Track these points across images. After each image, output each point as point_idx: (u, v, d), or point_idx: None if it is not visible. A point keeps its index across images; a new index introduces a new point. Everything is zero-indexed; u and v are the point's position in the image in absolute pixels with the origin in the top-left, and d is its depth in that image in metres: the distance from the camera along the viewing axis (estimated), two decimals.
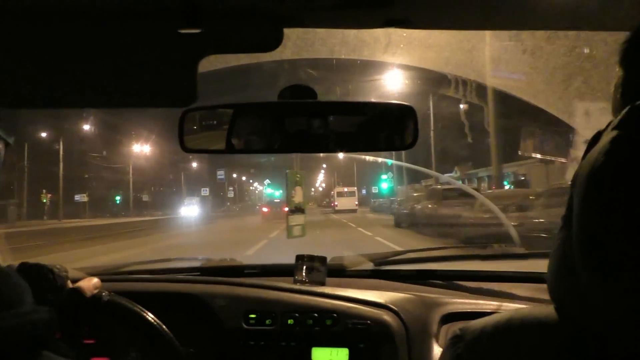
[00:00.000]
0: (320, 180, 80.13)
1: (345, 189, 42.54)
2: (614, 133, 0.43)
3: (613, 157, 0.42)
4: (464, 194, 11.01)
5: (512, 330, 0.55)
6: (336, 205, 40.42)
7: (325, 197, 76.88)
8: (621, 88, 0.51)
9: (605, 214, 0.41)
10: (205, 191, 52.12)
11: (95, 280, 1.17)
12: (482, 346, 0.57)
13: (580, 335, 0.47)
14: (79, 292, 1.13)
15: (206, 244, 13.63)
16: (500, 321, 0.58)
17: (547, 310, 0.54)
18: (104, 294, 1.17)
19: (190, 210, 41.39)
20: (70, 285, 1.14)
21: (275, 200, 30.72)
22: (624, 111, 0.44)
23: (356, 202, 40.70)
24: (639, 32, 0.49)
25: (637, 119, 0.42)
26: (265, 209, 28.49)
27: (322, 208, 57.00)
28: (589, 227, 0.43)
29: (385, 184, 35.50)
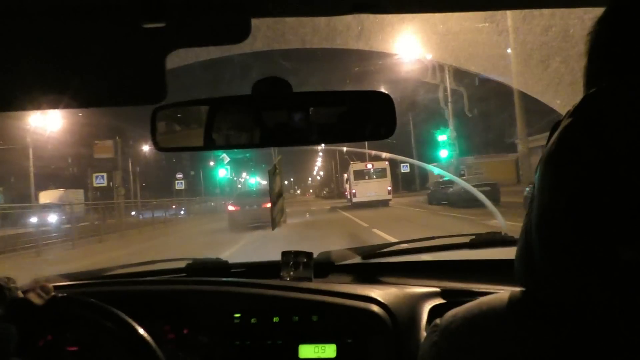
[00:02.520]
0: (317, 167, 70.02)
1: (369, 166, 26.89)
2: (568, 120, 0.47)
3: (564, 142, 0.46)
4: None
5: (481, 315, 0.59)
6: (354, 195, 26.57)
7: (326, 186, 64.35)
8: (585, 76, 0.55)
9: (554, 194, 0.46)
10: (101, 179, 27.49)
11: (47, 286, 1.17)
12: (455, 332, 0.60)
13: (538, 311, 0.51)
14: (29, 301, 1.12)
15: None
16: (471, 307, 0.62)
17: (515, 293, 0.58)
18: (59, 296, 1.16)
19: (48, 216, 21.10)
20: (20, 295, 1.12)
21: (251, 194, 21.02)
22: (578, 103, 0.47)
23: (388, 187, 26.42)
24: (601, 23, 0.52)
25: (589, 106, 0.46)
26: (232, 207, 18.32)
27: (323, 200, 43.58)
28: (541, 207, 0.48)
29: (445, 151, 22.17)
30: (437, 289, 1.50)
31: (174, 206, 31.70)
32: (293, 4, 0.99)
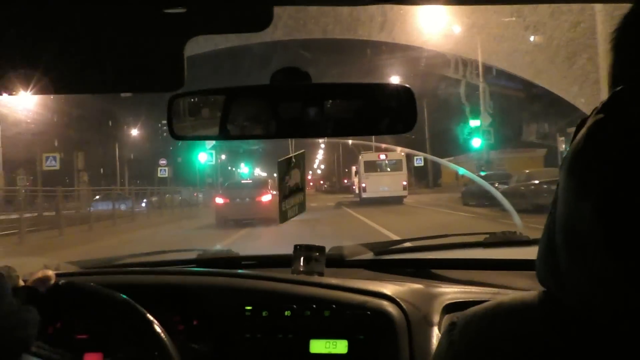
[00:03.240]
0: (319, 159, 66.00)
1: (382, 157, 23.28)
2: (596, 118, 0.45)
3: (591, 141, 0.44)
4: None
5: (501, 315, 0.58)
6: (364, 190, 23.22)
7: (327, 180, 60.75)
8: (611, 73, 0.53)
9: (581, 194, 0.44)
10: (53, 160, 22.44)
11: (49, 272, 1.17)
12: (474, 331, 0.59)
13: (564, 315, 0.50)
14: (33, 289, 1.13)
15: None
16: (490, 307, 0.60)
17: (535, 294, 0.56)
18: (60, 282, 1.16)
19: None
20: (22, 284, 1.13)
21: (244, 186, 17.78)
22: (605, 99, 0.45)
23: (404, 182, 22.98)
24: (628, 18, 0.51)
25: (618, 103, 0.44)
26: (220, 200, 15.85)
27: (324, 195, 38.97)
28: (567, 209, 0.46)
29: (477, 140, 19.90)
30: (450, 287, 1.48)
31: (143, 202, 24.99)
32: None
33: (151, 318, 1.15)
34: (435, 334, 1.31)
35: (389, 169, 23.47)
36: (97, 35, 0.96)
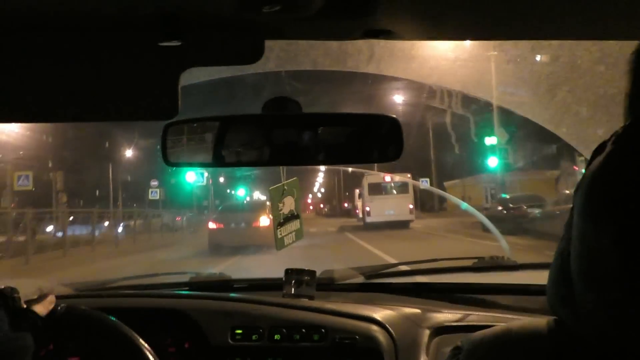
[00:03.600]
0: (319, 183, 63.31)
1: (387, 179, 21.55)
2: (613, 146, 0.43)
3: (608, 170, 0.42)
4: None
5: (510, 341, 0.57)
6: (368, 214, 22.06)
7: (327, 203, 57.16)
8: (627, 98, 0.52)
9: (599, 226, 0.42)
10: (25, 180, 17.73)
11: (49, 297, 1.18)
12: (481, 356, 0.58)
13: (577, 346, 0.48)
14: (33, 311, 1.13)
15: None
16: (499, 332, 0.59)
17: (545, 321, 0.55)
18: (59, 307, 1.17)
19: None
20: (24, 306, 1.14)
21: (240, 209, 16.28)
22: (626, 124, 0.44)
23: (410, 205, 21.76)
24: None
25: (636, 132, 0.43)
26: (213, 225, 14.54)
27: (324, 219, 36.15)
28: (584, 237, 0.44)
29: (494, 159, 17.26)
30: (439, 312, 1.49)
31: (107, 222, 22.12)
32: (307, 27, 1.01)
33: (142, 341, 1.16)
34: (423, 358, 1.32)
35: (394, 192, 22.22)
36: (94, 66, 0.99)
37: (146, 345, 1.16)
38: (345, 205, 45.98)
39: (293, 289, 1.60)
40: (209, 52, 1.01)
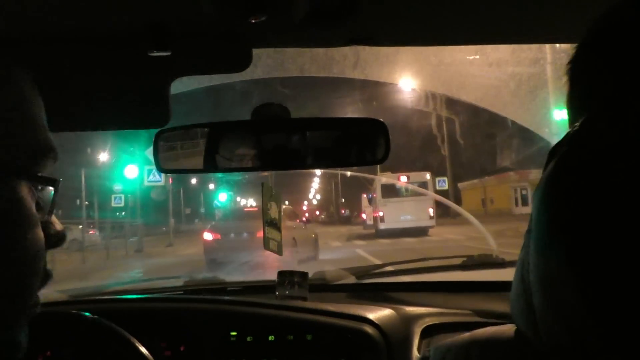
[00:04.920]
0: (314, 189, 59.20)
1: (403, 179, 19.30)
2: (564, 149, 0.42)
3: (562, 174, 0.41)
4: None
5: (475, 349, 0.57)
6: (381, 220, 19.22)
7: (324, 210, 53.84)
8: (568, 102, 0.52)
9: (552, 235, 0.41)
10: None
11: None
12: None
13: (537, 356, 0.48)
14: None
15: None
16: (466, 341, 0.60)
17: (509, 329, 0.55)
18: (48, 312, 1.19)
19: None
20: None
21: (240, 217, 13.89)
22: (576, 125, 0.43)
23: (431, 209, 19.00)
24: (582, 48, 0.49)
25: (586, 132, 0.41)
26: (210, 236, 12.42)
27: (321, 227, 28.21)
28: (540, 246, 0.42)
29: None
30: (430, 310, 1.52)
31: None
32: (293, 35, 1.04)
33: (138, 345, 1.18)
34: (415, 356, 1.35)
35: (411, 194, 18.95)
36: (86, 76, 1.02)
37: (144, 350, 1.17)
38: (343, 212, 43.89)
39: (286, 291, 1.62)
40: (197, 61, 1.04)
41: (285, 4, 0.87)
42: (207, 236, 12.40)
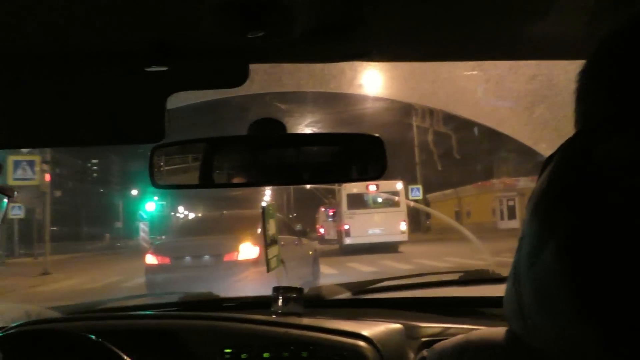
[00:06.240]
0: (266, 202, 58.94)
1: (372, 187, 16.00)
2: (558, 158, 0.44)
3: (554, 183, 0.43)
4: None
5: (469, 351, 0.59)
6: (347, 233, 17.21)
7: (298, 220, 55.16)
8: (574, 117, 0.55)
9: (543, 239, 0.43)
10: None
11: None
12: None
13: (529, 356, 0.50)
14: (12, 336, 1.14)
15: None
16: (459, 342, 0.62)
17: (503, 331, 0.57)
18: (43, 329, 1.21)
19: None
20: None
21: (201, 232, 8.86)
22: (569, 139, 0.45)
23: (402, 222, 17.18)
24: (588, 70, 0.51)
25: (579, 146, 0.43)
26: (153, 259, 8.18)
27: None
28: (531, 250, 0.44)
29: None
30: (426, 326, 1.51)
31: None
32: (290, 51, 1.05)
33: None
34: None
35: (381, 205, 17.29)
36: (83, 90, 1.02)
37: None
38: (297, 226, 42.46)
39: (281, 307, 1.61)
40: (194, 76, 1.05)
41: (283, 20, 0.87)
42: (150, 260, 8.33)
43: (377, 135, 1.17)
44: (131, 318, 1.66)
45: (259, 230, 7.22)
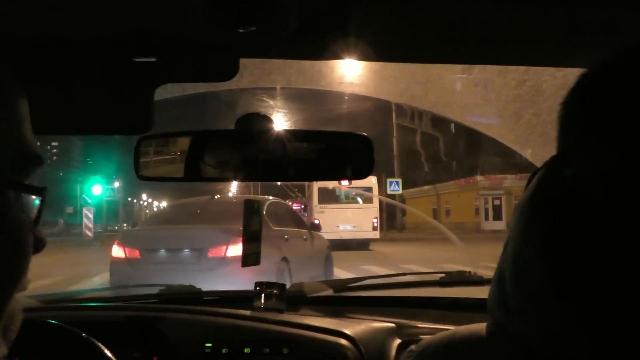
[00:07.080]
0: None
1: (344, 182, 9.72)
2: (545, 170, 0.50)
3: (538, 191, 0.49)
4: None
5: (455, 344, 0.61)
6: (315, 228, 9.80)
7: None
8: (560, 142, 0.58)
9: (527, 237, 0.48)
10: None
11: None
12: (430, 357, 0.63)
13: (512, 348, 0.53)
14: None
15: None
16: (446, 335, 0.64)
17: (488, 325, 0.59)
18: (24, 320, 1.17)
19: None
20: None
21: (180, 220, 7.01)
22: (550, 159, 0.50)
23: (374, 219, 16.89)
24: (575, 91, 0.54)
25: (555, 166, 0.49)
26: (120, 252, 6.58)
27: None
28: (516, 249, 0.50)
29: None
30: (408, 324, 1.52)
31: None
32: (281, 47, 1.05)
33: (110, 354, 1.15)
34: None
35: (353, 200, 16.87)
36: (70, 80, 1.01)
37: (114, 358, 1.15)
38: None
39: (263, 302, 1.60)
40: (183, 68, 1.04)
41: (276, 16, 0.87)
42: (116, 252, 6.80)
43: (365, 134, 1.17)
44: (110, 309, 1.64)
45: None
